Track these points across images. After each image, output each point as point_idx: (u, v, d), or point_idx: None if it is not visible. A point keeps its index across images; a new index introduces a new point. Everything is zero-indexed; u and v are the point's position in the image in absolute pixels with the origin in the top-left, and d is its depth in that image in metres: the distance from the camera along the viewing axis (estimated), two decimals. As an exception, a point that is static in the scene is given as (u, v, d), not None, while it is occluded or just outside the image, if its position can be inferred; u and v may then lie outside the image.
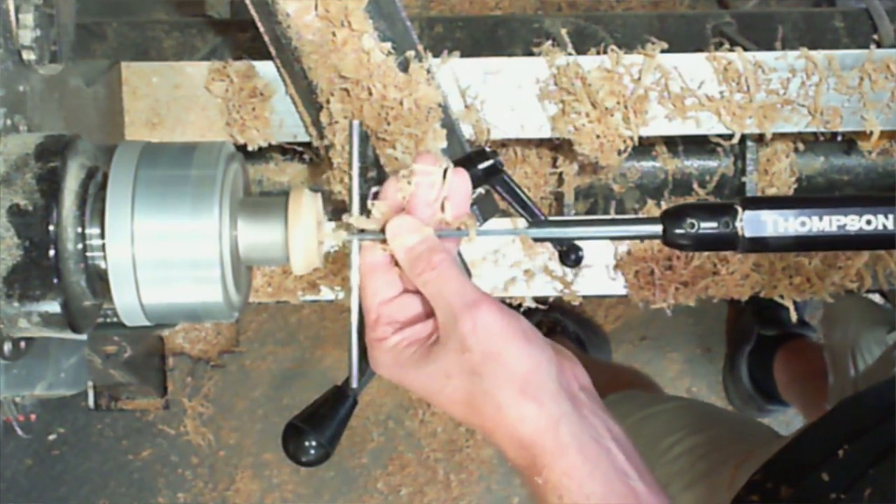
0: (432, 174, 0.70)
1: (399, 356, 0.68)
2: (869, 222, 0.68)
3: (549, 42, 1.00)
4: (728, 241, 0.69)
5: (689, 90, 0.98)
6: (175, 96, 1.00)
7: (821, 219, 0.68)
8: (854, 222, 0.68)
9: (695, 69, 0.99)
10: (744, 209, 0.69)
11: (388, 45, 0.91)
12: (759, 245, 0.69)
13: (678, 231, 0.69)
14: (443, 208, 0.71)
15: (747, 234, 0.69)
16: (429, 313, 0.70)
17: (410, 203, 0.70)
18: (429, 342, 0.69)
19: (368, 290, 0.70)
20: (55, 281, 0.67)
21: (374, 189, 0.72)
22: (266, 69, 0.99)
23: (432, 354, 0.67)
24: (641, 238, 0.79)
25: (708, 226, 0.69)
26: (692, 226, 0.69)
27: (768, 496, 0.90)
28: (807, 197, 0.71)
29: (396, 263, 0.70)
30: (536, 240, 0.75)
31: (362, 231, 0.70)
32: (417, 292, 0.70)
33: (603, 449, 0.65)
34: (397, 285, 0.71)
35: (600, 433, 0.66)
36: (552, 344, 0.69)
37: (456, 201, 0.71)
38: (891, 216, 0.67)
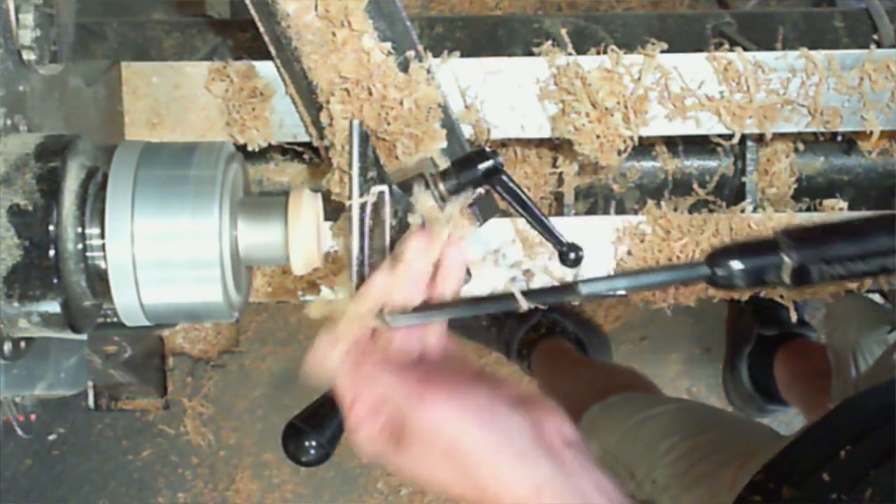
0: (424, 259, 0.69)
1: (374, 446, 0.68)
2: None
3: (549, 42, 1.00)
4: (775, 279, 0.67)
5: (689, 90, 0.98)
6: (175, 96, 1.00)
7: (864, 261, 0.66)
8: None
9: (695, 69, 0.99)
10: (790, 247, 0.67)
11: (388, 45, 0.91)
12: (805, 281, 0.67)
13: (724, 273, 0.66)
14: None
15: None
16: (424, 351, 0.70)
17: (397, 281, 0.69)
18: (402, 429, 0.67)
19: (343, 375, 0.69)
20: (55, 281, 0.67)
21: (373, 189, 0.72)
22: (266, 69, 0.99)
23: (404, 443, 0.66)
24: (690, 281, 0.74)
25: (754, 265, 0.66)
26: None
27: (770, 497, 0.90)
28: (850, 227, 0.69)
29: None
30: (587, 297, 0.72)
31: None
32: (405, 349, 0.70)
33: None
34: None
35: (586, 491, 0.65)
36: (530, 399, 0.68)
37: (451, 272, 0.70)
38: None
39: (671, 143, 1.11)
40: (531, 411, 0.66)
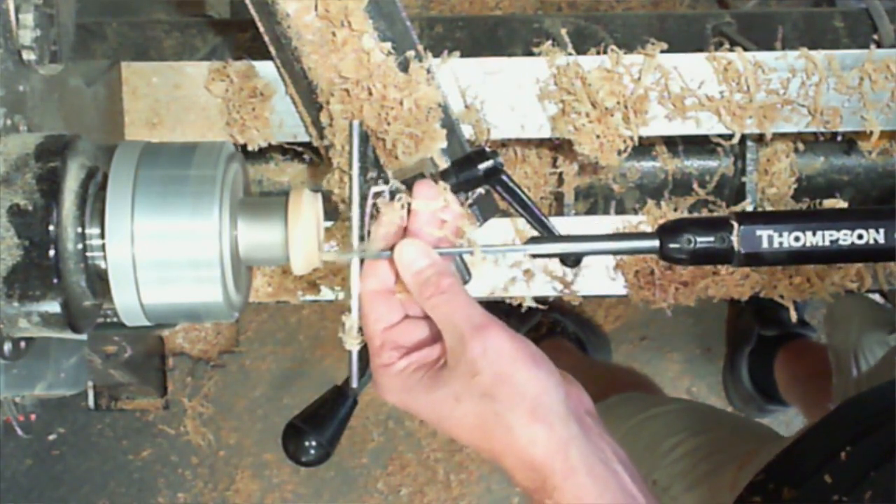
0: (433, 202, 0.71)
1: (407, 381, 0.68)
2: (861, 237, 0.70)
3: (549, 42, 1.00)
4: (724, 256, 0.70)
5: (689, 90, 0.98)
6: (175, 96, 1.00)
7: (814, 234, 0.70)
8: (846, 237, 0.70)
9: (695, 69, 0.99)
10: (739, 224, 0.69)
11: (388, 45, 0.91)
12: (754, 259, 0.70)
13: (674, 246, 0.70)
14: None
15: (742, 250, 0.69)
16: (435, 338, 0.70)
17: (412, 227, 0.71)
18: (436, 366, 0.69)
19: (371, 317, 0.70)
20: (55, 281, 0.67)
21: (373, 189, 0.72)
22: (266, 69, 0.99)
23: (441, 378, 0.67)
24: (639, 253, 0.79)
25: (704, 240, 0.70)
26: (689, 241, 0.70)
27: (771, 497, 0.90)
28: (800, 211, 0.72)
29: (396, 291, 0.71)
30: (535, 256, 0.76)
31: (363, 250, 0.71)
32: (421, 317, 0.71)
33: (611, 471, 0.66)
34: (399, 311, 0.71)
35: (608, 456, 0.67)
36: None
37: (450, 216, 0.72)
38: (882, 230, 0.69)
39: (671, 143, 1.11)
40: (563, 377, 0.68)
